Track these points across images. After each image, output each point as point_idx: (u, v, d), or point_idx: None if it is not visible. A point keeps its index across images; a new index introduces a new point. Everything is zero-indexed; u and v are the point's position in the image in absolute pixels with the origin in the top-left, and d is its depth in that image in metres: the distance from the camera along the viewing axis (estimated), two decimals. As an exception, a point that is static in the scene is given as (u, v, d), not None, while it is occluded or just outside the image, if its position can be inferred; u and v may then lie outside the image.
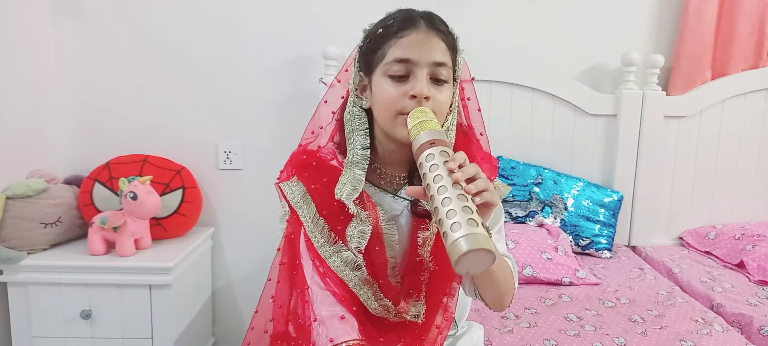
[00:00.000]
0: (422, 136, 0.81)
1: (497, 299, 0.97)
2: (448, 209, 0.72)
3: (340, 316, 0.90)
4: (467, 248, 0.68)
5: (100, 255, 1.75)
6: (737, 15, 2.05)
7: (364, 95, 0.97)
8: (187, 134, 2.08)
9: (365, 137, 0.95)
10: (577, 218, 1.98)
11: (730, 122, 2.12)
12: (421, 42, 0.89)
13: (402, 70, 0.89)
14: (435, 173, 0.76)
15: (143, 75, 2.04)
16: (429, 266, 0.96)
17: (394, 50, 0.90)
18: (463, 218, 0.70)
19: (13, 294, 1.71)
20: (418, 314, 0.97)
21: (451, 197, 0.73)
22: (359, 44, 0.98)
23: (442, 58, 0.90)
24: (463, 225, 0.69)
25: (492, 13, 2.06)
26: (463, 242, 0.68)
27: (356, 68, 0.97)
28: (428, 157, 0.78)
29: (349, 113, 0.97)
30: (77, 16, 1.99)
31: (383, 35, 0.92)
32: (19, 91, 1.83)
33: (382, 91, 0.91)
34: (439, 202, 0.73)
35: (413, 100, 0.88)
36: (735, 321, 1.53)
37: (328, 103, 1.05)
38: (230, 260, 2.19)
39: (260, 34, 2.05)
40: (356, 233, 0.92)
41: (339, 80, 1.05)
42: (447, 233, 0.70)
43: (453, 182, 0.74)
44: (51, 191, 1.81)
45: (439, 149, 0.79)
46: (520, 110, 2.09)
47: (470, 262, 0.70)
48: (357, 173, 0.94)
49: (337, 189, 0.93)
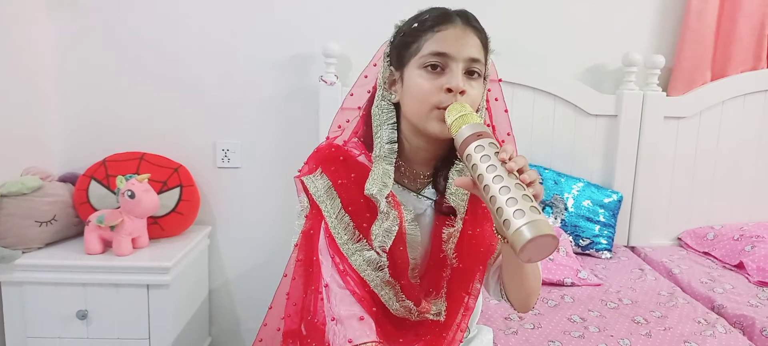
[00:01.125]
0: (466, 129, 0.81)
1: (524, 300, 0.97)
2: (507, 198, 0.71)
3: (359, 316, 0.89)
4: (533, 234, 0.68)
5: (97, 254, 1.72)
6: (738, 17, 2.05)
7: (393, 89, 0.96)
8: (185, 132, 2.05)
9: (393, 131, 0.95)
10: (577, 218, 1.98)
11: (729, 123, 2.12)
12: (458, 37, 0.89)
13: (438, 62, 0.88)
14: (487, 163, 0.75)
15: (140, 71, 2.01)
16: (452, 262, 0.95)
17: (430, 44, 0.89)
18: (524, 205, 0.70)
19: (8, 294, 1.68)
20: (440, 312, 0.95)
21: (508, 186, 0.72)
22: (390, 39, 0.97)
23: (477, 55, 0.90)
24: (526, 212, 0.69)
25: (493, 13, 2.05)
26: (526, 229, 0.68)
27: (386, 63, 0.96)
28: (477, 148, 0.78)
29: (377, 107, 0.96)
30: (73, 12, 1.95)
31: (419, 29, 0.91)
32: (14, 87, 1.79)
33: (415, 84, 0.90)
34: (495, 191, 0.73)
35: (449, 94, 0.87)
36: (737, 322, 1.53)
37: (353, 97, 1.05)
38: (227, 259, 2.17)
39: (259, 31, 2.02)
40: (381, 232, 0.91)
41: (366, 76, 1.04)
42: (509, 221, 0.70)
43: (508, 171, 0.74)
44: (46, 188, 1.77)
45: (487, 141, 0.78)
46: (520, 110, 2.08)
47: (535, 249, 0.70)
48: (386, 168, 0.92)
49: (367, 185, 0.91)
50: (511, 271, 0.94)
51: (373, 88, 0.99)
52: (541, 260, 0.74)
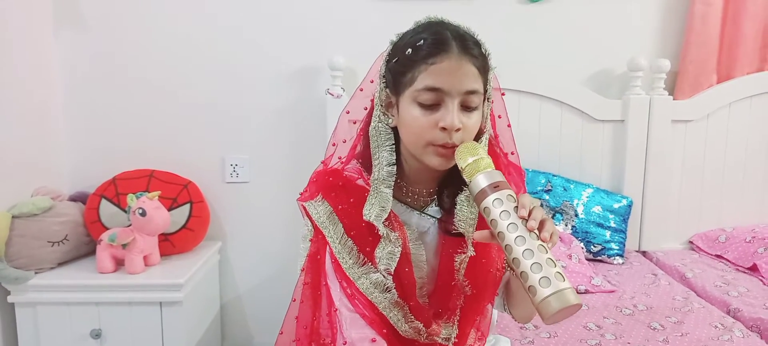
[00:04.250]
0: (482, 179, 0.80)
1: (527, 315, 0.97)
2: (532, 263, 0.73)
3: (370, 339, 0.88)
4: (560, 306, 0.70)
5: (109, 273, 1.73)
6: (742, 19, 2.06)
7: (390, 112, 0.94)
8: (193, 148, 2.06)
9: (391, 154, 0.93)
10: (587, 224, 1.97)
11: (736, 125, 2.12)
12: (453, 70, 0.85)
13: (432, 99, 0.85)
14: (508, 222, 0.76)
15: (147, 89, 2.02)
16: (466, 290, 0.94)
17: (425, 78, 0.85)
18: (549, 271, 0.72)
19: (21, 315, 1.68)
20: (450, 337, 0.95)
21: (532, 249, 0.74)
22: (386, 57, 0.94)
23: (473, 86, 0.86)
24: (552, 281, 0.72)
25: (498, 21, 2.06)
26: (554, 299, 0.71)
27: (383, 84, 0.93)
28: (495, 202, 0.78)
29: (374, 129, 0.94)
30: (80, 31, 1.97)
31: (413, 59, 0.87)
32: (22, 108, 1.80)
33: (411, 117, 0.88)
34: (519, 253, 0.74)
35: (444, 133, 0.85)
36: (754, 326, 1.52)
37: (350, 114, 1.03)
38: (238, 273, 2.17)
39: (265, 46, 2.03)
40: (385, 255, 0.90)
41: (362, 89, 1.02)
42: (535, 288, 0.72)
43: (529, 230, 0.75)
44: (57, 208, 1.78)
45: (505, 194, 0.79)
46: (527, 117, 2.08)
47: (560, 316, 0.72)
48: (384, 192, 0.91)
49: (365, 209, 0.91)
50: (520, 292, 0.93)
51: (371, 104, 0.97)
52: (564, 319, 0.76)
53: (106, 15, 1.97)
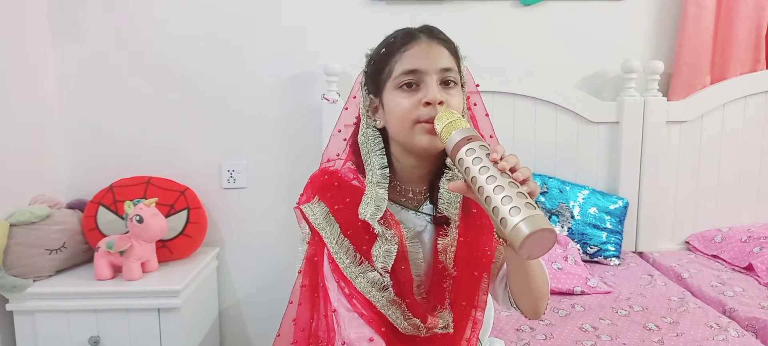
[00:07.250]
0: (456, 134, 0.82)
1: (534, 305, 0.97)
2: (502, 196, 0.72)
3: (368, 338, 0.89)
4: (531, 229, 0.68)
5: (107, 280, 1.73)
6: (734, 20, 2.07)
7: (376, 116, 0.97)
8: (190, 154, 2.07)
9: (382, 157, 0.96)
10: (583, 226, 1.98)
11: (731, 126, 2.13)
12: (425, 52, 0.91)
13: (411, 79, 0.90)
14: (480, 165, 0.76)
15: (144, 96, 2.03)
16: (451, 272, 0.96)
17: (401, 64, 0.91)
18: (519, 202, 0.71)
19: (20, 323, 1.68)
20: (447, 324, 0.96)
21: (502, 185, 0.73)
22: (364, 69, 0.99)
23: (447, 64, 0.92)
24: (522, 208, 0.70)
25: (491, 24, 2.08)
26: (523, 225, 0.69)
27: (365, 92, 0.98)
28: (468, 151, 0.79)
29: (362, 136, 0.97)
30: (77, 39, 1.98)
31: (387, 53, 0.94)
32: (19, 117, 1.81)
33: (395, 104, 0.92)
34: (489, 191, 0.73)
35: (428, 107, 0.89)
36: (749, 325, 1.52)
37: (341, 133, 1.06)
38: (236, 279, 2.17)
39: (261, 52, 2.04)
40: (382, 253, 0.92)
41: (347, 108, 1.06)
42: (506, 219, 0.70)
43: (500, 170, 0.75)
44: (55, 216, 1.79)
45: (477, 143, 0.79)
46: (522, 120, 2.09)
47: (534, 244, 0.70)
48: (379, 192, 0.94)
49: (360, 209, 0.92)
50: (517, 275, 0.95)
51: (357, 119, 1.01)
52: (542, 255, 0.74)
53: (102, 24, 1.99)
